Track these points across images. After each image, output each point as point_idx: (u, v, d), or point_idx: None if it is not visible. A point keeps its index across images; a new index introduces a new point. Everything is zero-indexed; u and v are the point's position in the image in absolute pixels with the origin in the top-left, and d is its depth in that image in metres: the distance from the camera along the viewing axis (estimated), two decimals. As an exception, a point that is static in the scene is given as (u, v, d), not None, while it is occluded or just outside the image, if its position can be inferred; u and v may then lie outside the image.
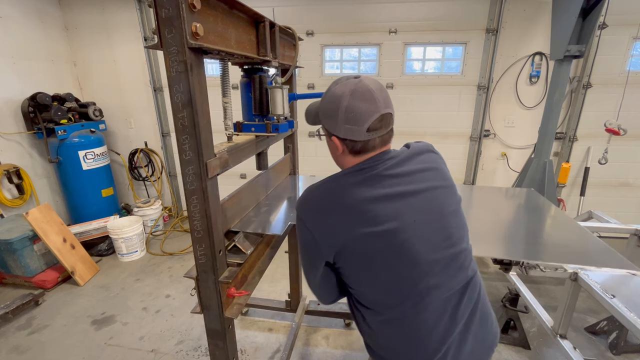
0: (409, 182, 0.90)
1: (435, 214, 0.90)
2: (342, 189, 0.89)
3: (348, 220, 0.86)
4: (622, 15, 3.37)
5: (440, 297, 0.90)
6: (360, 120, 0.87)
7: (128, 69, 4.27)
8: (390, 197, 0.87)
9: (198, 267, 1.15)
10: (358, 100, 0.86)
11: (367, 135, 0.88)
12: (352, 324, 2.64)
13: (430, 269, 0.88)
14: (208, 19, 0.96)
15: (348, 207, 0.86)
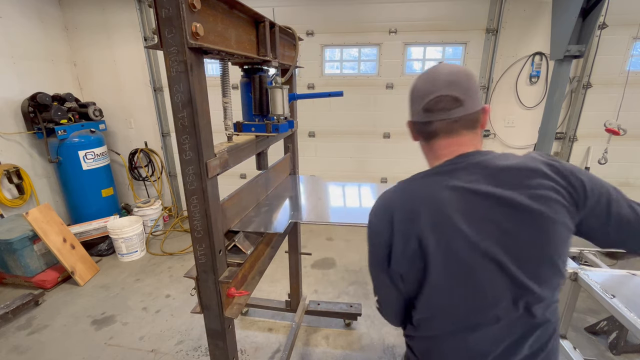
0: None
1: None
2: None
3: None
4: (622, 15, 3.37)
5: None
6: (417, 99, 0.85)
7: (128, 69, 4.27)
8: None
9: (198, 267, 1.15)
10: (421, 81, 0.85)
11: (425, 116, 0.84)
12: (352, 324, 2.64)
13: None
14: (208, 19, 0.96)
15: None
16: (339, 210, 1.81)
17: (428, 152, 0.89)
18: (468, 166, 0.80)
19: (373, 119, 4.13)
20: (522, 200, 0.75)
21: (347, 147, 4.29)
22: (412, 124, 0.89)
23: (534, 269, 0.77)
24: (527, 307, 0.79)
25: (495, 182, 0.77)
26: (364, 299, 2.96)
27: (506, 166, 0.78)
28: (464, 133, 0.83)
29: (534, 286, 0.77)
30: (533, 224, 0.75)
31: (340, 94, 1.65)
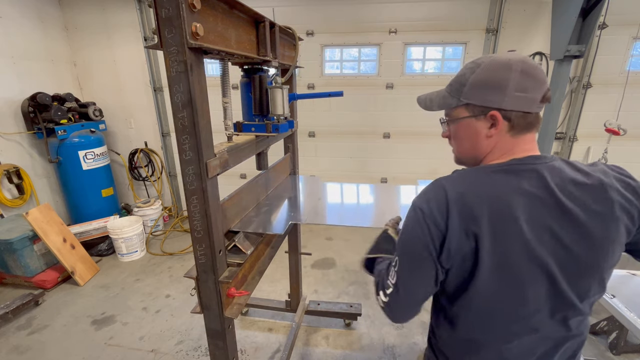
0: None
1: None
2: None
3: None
4: (622, 15, 3.37)
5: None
6: (535, 88, 0.75)
7: (128, 69, 4.27)
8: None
9: (198, 267, 1.15)
10: (530, 69, 0.76)
11: (538, 107, 0.78)
12: (352, 324, 2.64)
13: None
14: (208, 19, 0.96)
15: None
16: (339, 210, 1.81)
17: (503, 145, 0.81)
18: (540, 170, 0.76)
19: (373, 119, 4.13)
20: (587, 217, 0.74)
21: (347, 147, 4.29)
22: (507, 112, 0.77)
23: (583, 286, 0.77)
24: (564, 320, 0.79)
25: (565, 193, 0.74)
26: (364, 299, 2.96)
27: (578, 179, 0.76)
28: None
29: (576, 301, 0.78)
30: (593, 242, 0.75)
31: (340, 94, 1.65)
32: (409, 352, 2.38)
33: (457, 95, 0.83)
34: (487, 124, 0.80)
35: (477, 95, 0.79)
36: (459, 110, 0.84)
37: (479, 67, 0.79)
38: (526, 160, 0.78)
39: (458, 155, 0.92)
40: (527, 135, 0.80)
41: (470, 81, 0.80)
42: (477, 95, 0.79)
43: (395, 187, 2.03)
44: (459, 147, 0.89)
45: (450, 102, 0.85)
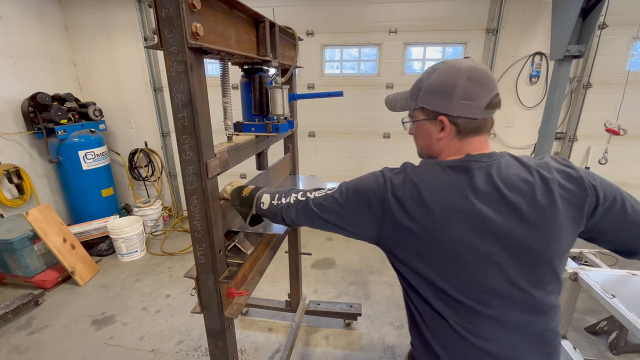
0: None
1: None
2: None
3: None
4: (622, 15, 3.37)
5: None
6: (480, 96, 0.81)
7: (128, 69, 4.27)
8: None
9: (198, 267, 1.15)
10: (477, 78, 0.81)
11: (484, 113, 0.83)
12: (352, 324, 2.64)
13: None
14: (208, 19, 0.96)
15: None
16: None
17: (451, 147, 0.87)
18: (489, 167, 0.82)
19: (373, 119, 4.13)
20: (530, 209, 0.78)
21: (347, 147, 4.29)
22: (454, 118, 0.83)
23: (534, 274, 0.81)
24: (523, 308, 0.82)
25: (510, 188, 0.79)
26: (364, 299, 2.96)
27: (522, 174, 0.81)
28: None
29: (530, 289, 0.81)
30: (537, 233, 0.79)
31: (340, 94, 1.65)
32: (409, 352, 2.38)
33: (415, 99, 0.90)
34: (438, 128, 0.86)
35: (429, 100, 0.86)
36: (417, 112, 0.92)
37: (434, 73, 0.86)
38: (478, 157, 0.83)
39: (419, 151, 1.00)
40: (476, 138, 0.86)
41: (425, 86, 0.87)
42: (430, 100, 0.86)
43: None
44: (418, 144, 0.98)
45: (410, 104, 0.93)
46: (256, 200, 1.10)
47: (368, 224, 0.86)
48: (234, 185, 1.24)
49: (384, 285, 3.18)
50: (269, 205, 1.06)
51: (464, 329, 0.82)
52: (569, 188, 0.81)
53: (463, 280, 0.80)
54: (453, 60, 0.86)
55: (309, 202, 0.96)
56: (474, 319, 0.82)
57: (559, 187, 0.80)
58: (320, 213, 0.92)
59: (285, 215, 1.01)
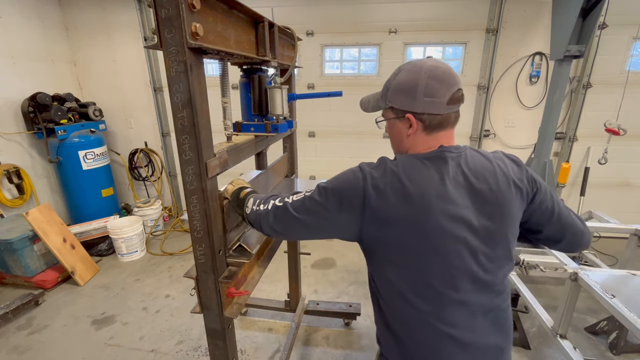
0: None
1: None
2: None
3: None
4: (622, 15, 3.37)
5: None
6: (441, 92, 0.86)
7: (128, 69, 4.27)
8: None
9: (198, 267, 1.15)
10: (437, 75, 0.86)
11: (446, 108, 0.87)
12: (352, 324, 2.64)
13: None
14: (208, 19, 0.96)
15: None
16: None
17: (420, 142, 0.92)
18: (458, 157, 0.89)
19: (373, 119, 4.12)
20: (492, 195, 0.87)
21: (347, 147, 4.29)
22: (423, 116, 0.88)
23: (496, 255, 0.89)
24: (486, 289, 0.89)
25: (476, 176, 0.88)
26: (363, 298, 2.96)
27: (485, 164, 0.90)
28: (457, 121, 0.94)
29: (494, 269, 0.89)
30: (500, 216, 0.88)
31: (340, 94, 1.65)
32: (408, 352, 2.38)
33: (384, 99, 0.95)
34: (407, 125, 0.91)
35: (396, 99, 0.91)
36: (387, 112, 0.97)
37: (399, 73, 0.91)
38: (449, 148, 0.89)
39: (393, 149, 1.03)
40: (442, 132, 0.91)
41: (392, 86, 0.92)
42: (397, 99, 0.91)
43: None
44: (392, 142, 1.01)
45: (381, 104, 0.99)
46: (245, 203, 1.08)
47: (349, 220, 0.87)
48: (235, 185, 1.23)
49: (383, 285, 3.17)
50: (250, 211, 1.03)
51: (434, 318, 0.86)
52: (520, 178, 0.92)
53: (437, 266, 0.84)
54: (416, 60, 0.91)
55: (287, 206, 0.94)
56: (443, 305, 0.86)
57: (514, 176, 0.91)
58: (299, 215, 0.91)
59: (264, 223, 0.98)
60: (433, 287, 0.85)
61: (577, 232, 1.00)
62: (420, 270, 0.85)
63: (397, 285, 0.88)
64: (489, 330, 0.89)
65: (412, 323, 0.89)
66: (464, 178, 0.86)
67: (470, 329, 0.87)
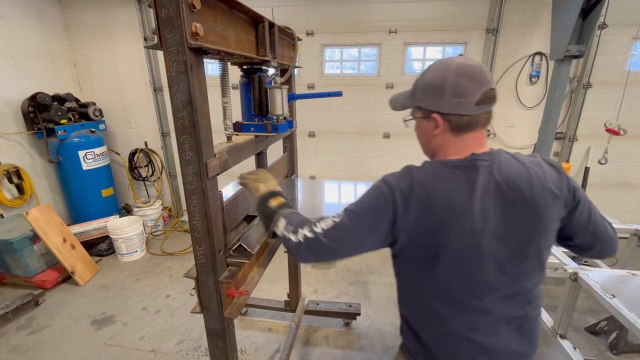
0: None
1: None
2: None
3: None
4: (622, 15, 3.37)
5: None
6: (470, 92, 0.82)
7: (128, 69, 4.27)
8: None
9: (198, 267, 1.15)
10: (467, 74, 0.82)
11: (475, 109, 0.84)
12: (352, 324, 2.64)
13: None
14: (208, 19, 0.96)
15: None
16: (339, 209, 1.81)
17: (448, 143, 0.89)
18: (491, 165, 0.85)
19: (373, 119, 4.13)
20: (527, 204, 0.83)
21: (347, 147, 4.29)
22: (446, 115, 0.85)
23: (526, 266, 0.86)
24: (513, 299, 0.87)
25: (510, 184, 0.83)
26: (364, 299, 2.96)
27: (521, 171, 0.86)
28: (489, 122, 0.90)
29: (523, 281, 0.87)
30: (535, 226, 0.84)
31: (340, 94, 1.65)
32: (408, 352, 2.38)
33: (412, 98, 0.94)
34: (433, 125, 0.89)
35: (424, 98, 0.89)
36: (415, 111, 0.95)
37: (428, 71, 0.89)
38: (482, 156, 0.86)
39: (422, 148, 1.02)
40: (470, 134, 0.87)
41: (420, 85, 0.90)
42: (424, 99, 0.89)
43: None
44: (419, 142, 1.01)
45: (409, 103, 0.96)
46: (274, 220, 1.03)
47: (382, 236, 0.86)
48: (267, 186, 1.16)
49: (384, 285, 3.18)
50: (281, 235, 0.99)
51: (455, 322, 0.86)
52: (559, 187, 0.87)
53: (462, 276, 0.84)
54: (446, 58, 0.88)
55: (318, 237, 0.89)
56: (464, 311, 0.86)
57: (552, 185, 0.86)
58: (333, 243, 0.88)
59: (296, 254, 0.95)
60: (455, 295, 0.85)
61: (608, 239, 0.97)
62: (444, 279, 0.85)
63: (421, 289, 0.88)
64: (512, 338, 0.88)
65: (433, 325, 0.90)
66: (495, 187, 0.83)
67: (492, 334, 0.87)
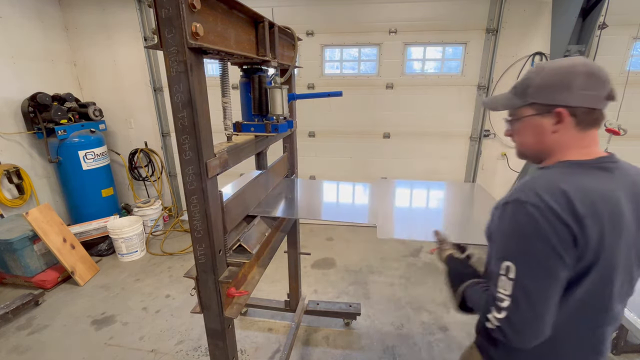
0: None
1: None
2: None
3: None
4: (622, 15, 3.37)
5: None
6: (599, 86, 0.80)
7: (128, 69, 4.27)
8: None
9: (198, 267, 1.15)
10: (593, 69, 0.81)
11: (604, 104, 0.82)
12: (352, 324, 2.64)
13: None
14: (208, 19, 0.97)
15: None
16: (338, 208, 1.81)
17: (570, 140, 0.85)
18: (621, 169, 0.84)
19: (373, 119, 4.13)
20: None
21: (347, 147, 4.29)
22: (573, 109, 0.82)
23: (637, 275, 0.87)
24: (623, 306, 0.89)
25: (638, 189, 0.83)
26: (363, 299, 2.96)
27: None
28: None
29: (631, 290, 0.88)
30: None
31: (340, 94, 1.65)
32: (408, 352, 2.38)
33: (522, 96, 0.90)
34: (552, 121, 0.85)
35: (542, 94, 0.85)
36: (524, 109, 0.90)
37: (543, 71, 0.86)
38: (610, 158, 0.85)
39: (522, 150, 0.97)
40: (592, 131, 0.85)
41: (536, 83, 0.86)
42: (543, 95, 0.85)
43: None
44: (523, 142, 0.95)
45: (515, 102, 0.92)
46: (458, 296, 0.99)
47: (560, 262, 0.76)
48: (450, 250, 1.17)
49: (384, 285, 3.18)
50: (468, 310, 0.98)
51: (590, 334, 0.87)
52: None
53: (601, 288, 0.81)
54: (560, 59, 0.87)
55: (515, 313, 0.77)
56: (601, 323, 0.86)
57: None
58: (541, 307, 0.77)
59: (501, 337, 0.82)
60: (596, 307, 0.84)
61: None
62: (588, 289, 0.81)
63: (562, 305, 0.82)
64: (607, 344, 0.91)
65: (568, 336, 0.86)
66: (632, 194, 0.81)
67: (607, 343, 0.90)
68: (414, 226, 1.63)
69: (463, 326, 2.62)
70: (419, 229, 1.58)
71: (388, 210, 1.75)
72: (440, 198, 2.02)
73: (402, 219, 1.69)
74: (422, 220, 1.69)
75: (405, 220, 1.68)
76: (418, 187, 2.22)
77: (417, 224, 1.63)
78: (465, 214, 1.75)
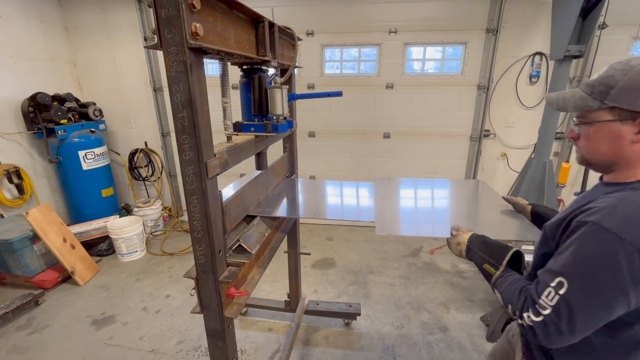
0: None
1: None
2: None
3: None
4: (622, 15, 3.37)
5: None
6: None
7: (128, 69, 4.27)
8: None
9: (198, 267, 1.15)
10: None
11: None
12: (352, 324, 2.64)
13: None
14: (208, 19, 0.97)
15: None
16: (338, 208, 1.81)
17: None
18: None
19: (373, 119, 4.13)
20: None
21: (347, 147, 4.29)
22: None
23: None
24: None
25: None
26: (363, 298, 2.96)
27: None
28: None
29: None
30: None
31: (340, 93, 1.65)
32: (408, 352, 2.38)
33: (600, 98, 0.80)
34: (635, 130, 0.77)
35: (629, 99, 0.76)
36: (600, 113, 0.81)
37: (632, 70, 0.76)
38: None
39: (587, 157, 0.88)
40: None
41: (621, 84, 0.76)
42: (629, 99, 0.76)
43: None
44: (592, 149, 0.85)
45: (591, 104, 0.82)
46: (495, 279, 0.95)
47: (623, 300, 0.72)
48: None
49: (383, 285, 3.18)
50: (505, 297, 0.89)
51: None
52: None
53: None
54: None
55: (560, 323, 0.74)
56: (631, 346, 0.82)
57: None
58: (574, 320, 0.74)
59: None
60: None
61: None
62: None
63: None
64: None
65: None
66: None
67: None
68: (419, 223, 1.61)
69: (463, 326, 2.63)
70: (424, 225, 1.57)
71: (393, 208, 1.75)
72: (445, 196, 2.02)
73: (407, 216, 1.68)
74: (427, 216, 1.68)
75: (408, 217, 1.67)
76: (421, 184, 2.22)
77: (422, 221, 1.62)
78: (471, 211, 1.75)
